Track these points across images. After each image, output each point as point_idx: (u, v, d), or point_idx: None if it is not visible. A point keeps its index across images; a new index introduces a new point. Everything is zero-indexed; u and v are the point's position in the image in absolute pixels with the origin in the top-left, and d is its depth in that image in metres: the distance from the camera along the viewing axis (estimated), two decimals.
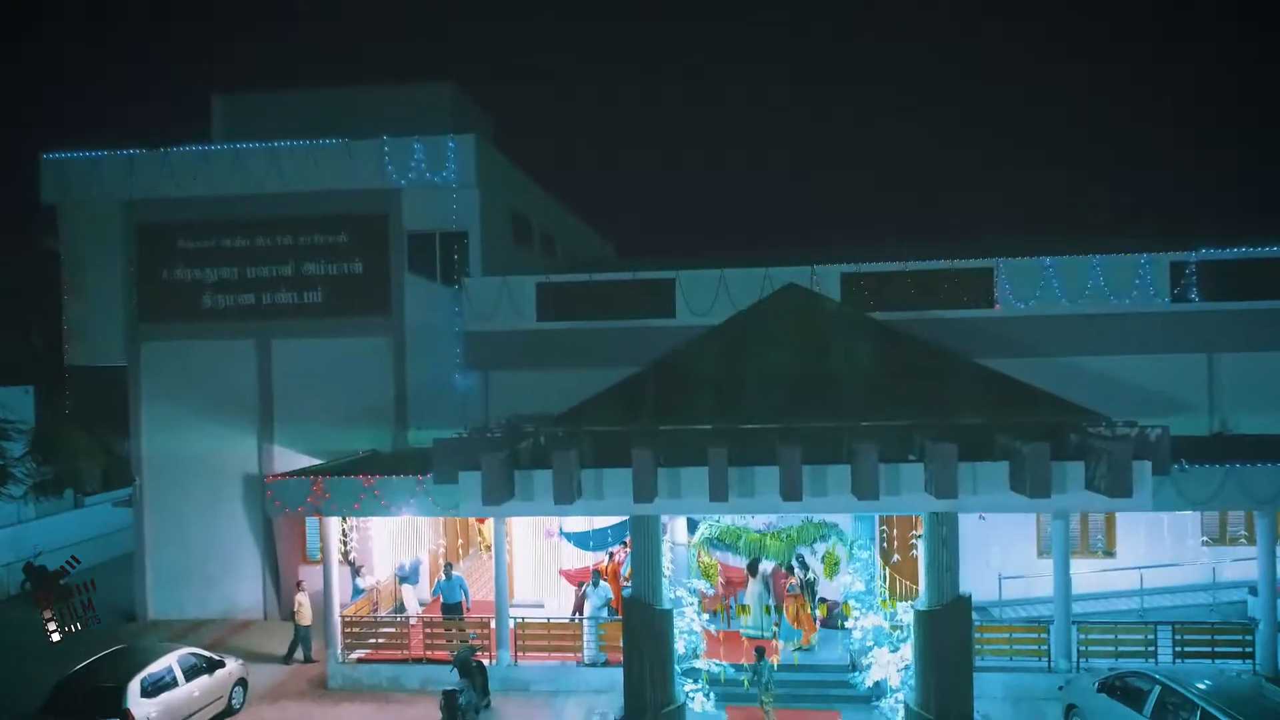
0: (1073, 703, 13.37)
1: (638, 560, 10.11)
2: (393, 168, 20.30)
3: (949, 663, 9.52)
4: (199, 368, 21.01)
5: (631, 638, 9.90)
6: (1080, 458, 9.45)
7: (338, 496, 15.97)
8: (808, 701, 15.07)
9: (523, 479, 10.15)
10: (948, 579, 9.65)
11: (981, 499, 9.55)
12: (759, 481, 9.80)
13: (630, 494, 9.90)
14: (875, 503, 9.61)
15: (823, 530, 15.58)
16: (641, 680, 9.86)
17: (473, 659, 15.28)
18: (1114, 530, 18.84)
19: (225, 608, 21.15)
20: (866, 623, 12.55)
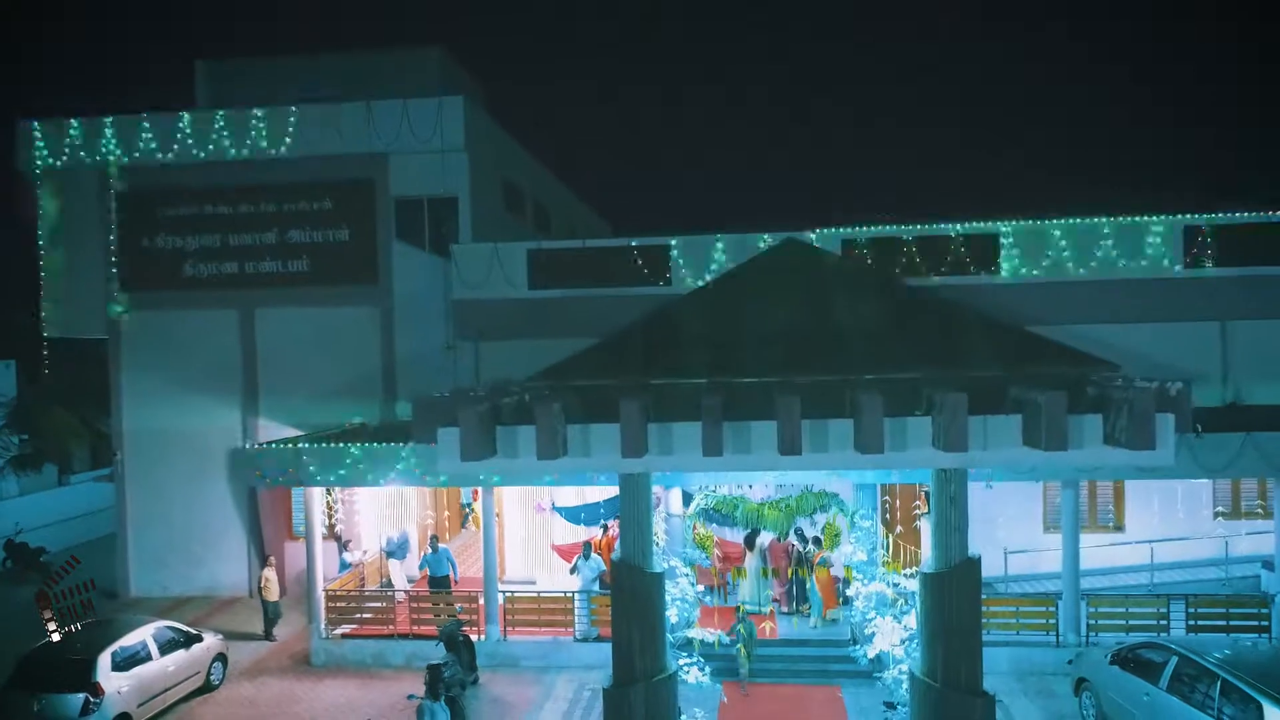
0: (1083, 676, 12.83)
1: (626, 522, 9.53)
2: (379, 132, 19.66)
3: (957, 628, 8.96)
4: (181, 339, 20.43)
5: (620, 603, 9.34)
6: (1098, 410, 8.86)
7: (320, 466, 15.40)
8: (807, 677, 14.56)
9: (505, 436, 9.55)
10: (956, 540, 9.08)
11: (993, 454, 8.96)
12: (755, 437, 9.20)
13: (618, 450, 9.31)
14: (880, 457, 9.01)
15: (823, 500, 15.03)
16: (630, 647, 9.30)
17: (460, 633, 14.73)
18: (1123, 504, 18.30)
19: (209, 585, 20.63)
20: (869, 590, 11.98)
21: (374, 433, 17.93)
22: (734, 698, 13.65)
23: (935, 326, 10.16)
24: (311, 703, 14.42)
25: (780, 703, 13.77)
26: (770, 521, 14.99)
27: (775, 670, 14.78)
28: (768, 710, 13.52)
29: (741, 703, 13.77)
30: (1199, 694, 10.62)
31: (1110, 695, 12.08)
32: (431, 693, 10.91)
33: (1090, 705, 12.62)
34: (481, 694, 14.56)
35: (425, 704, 10.78)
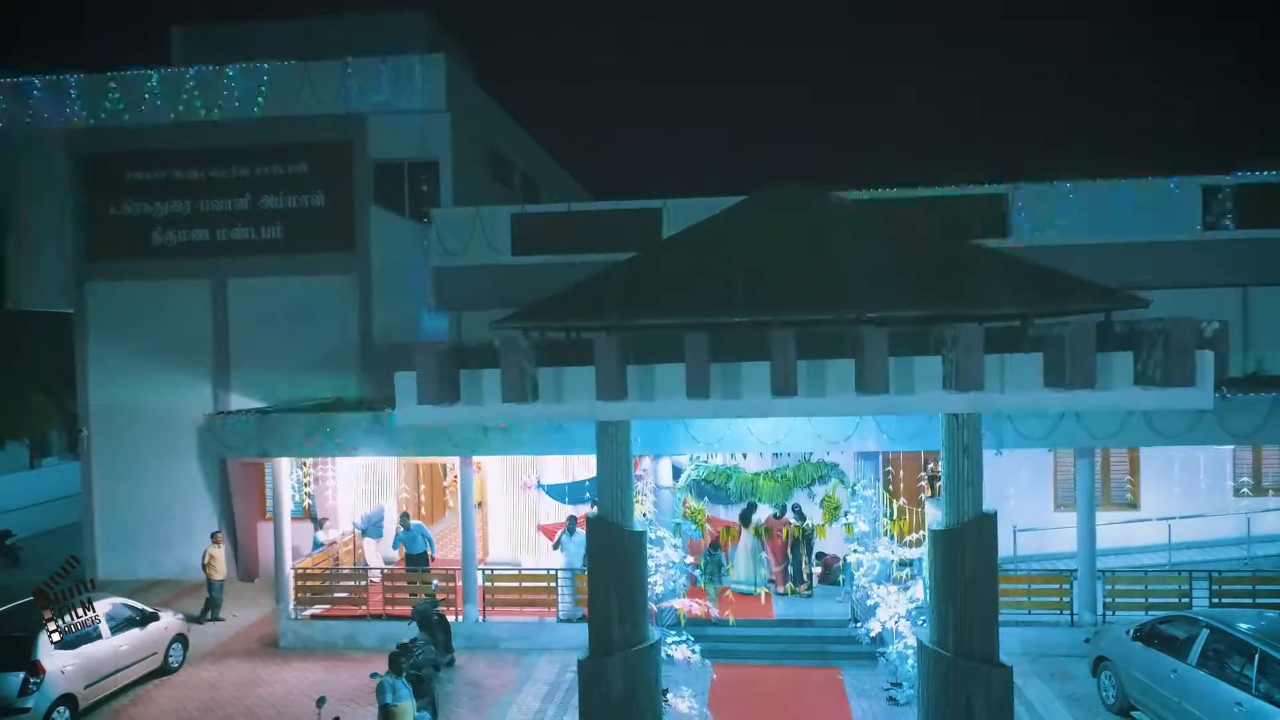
0: (1103, 655, 11.90)
1: (604, 474, 8.61)
2: (357, 91, 18.74)
3: (971, 589, 8.03)
4: (149, 311, 19.48)
5: (596, 564, 8.41)
6: (1128, 348, 7.95)
7: (286, 435, 14.48)
8: (805, 658, 13.65)
9: (469, 381, 8.64)
10: (969, 494, 8.15)
11: (1011, 397, 8.04)
12: (746, 378, 8.28)
13: (594, 394, 8.39)
14: (884, 400, 8.10)
15: (822, 471, 14.11)
16: (608, 614, 8.37)
17: (434, 612, 13.83)
18: (1138, 480, 17.40)
19: (179, 568, 19.65)
20: (870, 558, 11.04)
21: (350, 407, 17.00)
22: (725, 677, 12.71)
23: (946, 265, 9.22)
24: (274, 686, 13.49)
25: (775, 685, 12.85)
26: (766, 493, 14.05)
27: (771, 652, 13.87)
28: (762, 692, 12.60)
29: (734, 684, 12.85)
30: (1233, 669, 9.70)
31: (1133, 674, 11.15)
32: (394, 669, 9.99)
33: (1110, 685, 11.69)
34: (457, 676, 13.63)
35: (386, 680, 9.87)
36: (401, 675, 10.01)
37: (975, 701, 7.94)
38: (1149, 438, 13.01)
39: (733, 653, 13.80)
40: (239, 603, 17.93)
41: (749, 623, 14.41)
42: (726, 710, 11.89)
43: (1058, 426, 13.14)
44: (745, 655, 13.81)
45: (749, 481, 14.09)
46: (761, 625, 14.34)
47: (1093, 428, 13.08)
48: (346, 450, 14.39)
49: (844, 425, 13.19)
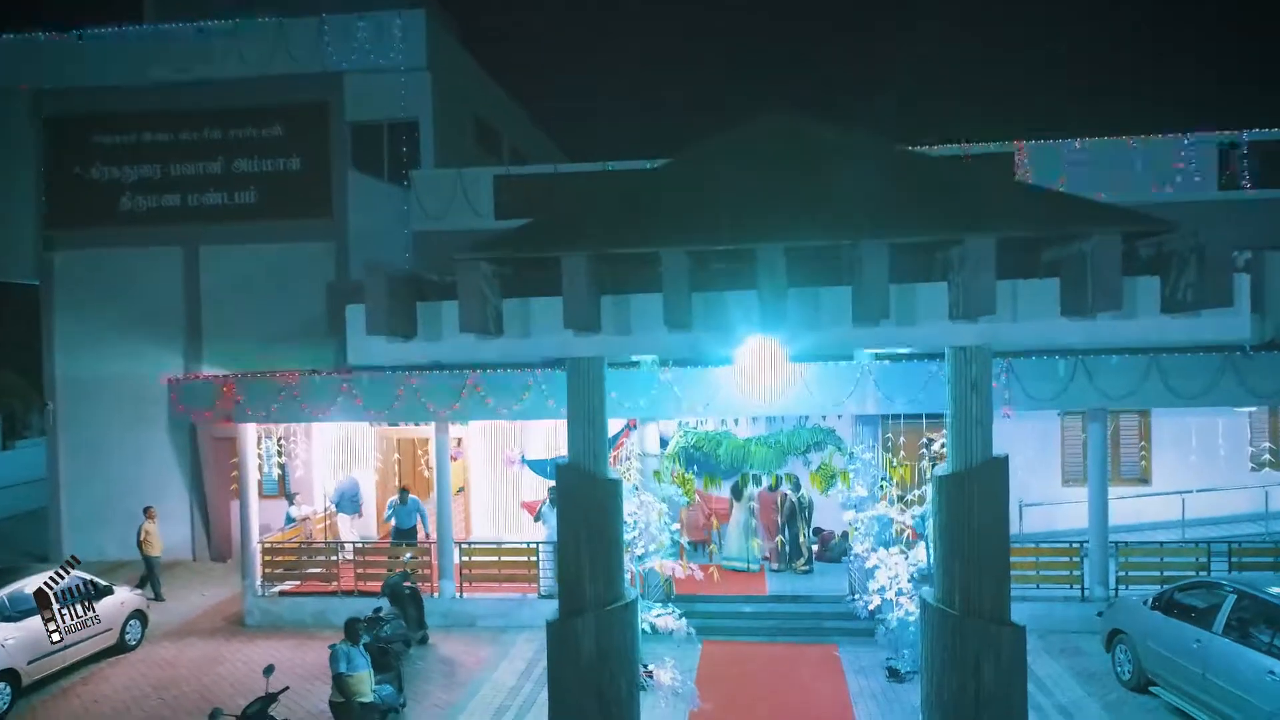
0: (1118, 628, 11.10)
1: (575, 416, 7.80)
2: (333, 49, 17.95)
3: (980, 541, 7.23)
4: (118, 280, 18.68)
5: (566, 515, 7.60)
6: (1155, 272, 7.16)
7: (251, 399, 13.68)
8: (800, 635, 12.87)
9: (428, 314, 7.85)
10: (978, 435, 7.36)
11: (1024, 326, 7.25)
12: (731, 307, 7.49)
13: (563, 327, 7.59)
14: (884, 331, 7.31)
15: (817, 436, 13.29)
16: (578, 569, 7.57)
17: (405, 586, 13.04)
18: (1149, 454, 16.62)
19: None
20: (869, 515, 10.23)
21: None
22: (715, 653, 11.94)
23: (952, 190, 8.41)
24: (235, 664, 12.70)
25: (768, 661, 12.06)
26: (758, 459, 13.24)
27: (764, 628, 13.10)
28: (754, 669, 11.81)
29: (724, 660, 12.08)
30: (1263, 636, 8.90)
31: (1151, 646, 10.36)
32: (350, 637, 9.20)
33: (1126, 659, 10.90)
34: (430, 654, 12.84)
35: (340, 648, 9.07)
36: (359, 644, 9.21)
37: (985, 664, 7.15)
38: (1165, 398, 12.22)
39: (723, 629, 13.04)
40: (209, 582, 17.18)
41: (741, 599, 13.65)
42: (715, 688, 11.11)
43: (1068, 387, 12.36)
44: (736, 632, 13.04)
45: (740, 448, 13.28)
46: (754, 601, 13.56)
47: (1106, 387, 12.30)
48: (315, 415, 13.60)
49: (841, 385, 12.43)
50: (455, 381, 13.18)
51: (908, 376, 12.31)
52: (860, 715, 10.31)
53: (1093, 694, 10.78)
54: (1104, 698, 10.69)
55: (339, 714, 8.97)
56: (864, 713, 10.38)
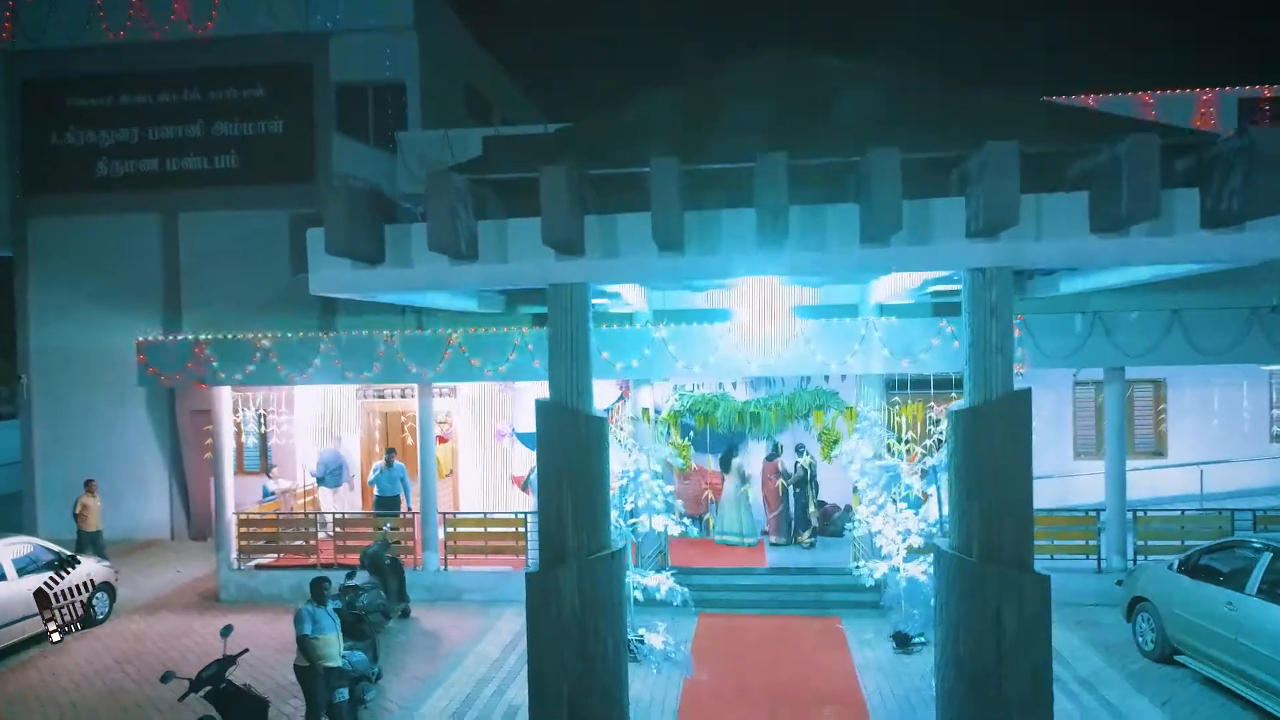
0: (1140, 595, 10.45)
1: (557, 349, 7.14)
2: (316, 7, 17.27)
3: (1000, 481, 6.57)
4: (94, 248, 18.01)
5: (546, 456, 6.95)
6: (1193, 184, 6.51)
7: (224, 360, 13.04)
8: (801, 608, 12.23)
9: (397, 238, 7.20)
10: (998, 364, 6.69)
11: (1048, 246, 6.59)
12: (726, 228, 6.84)
13: (543, 250, 6.95)
14: (895, 253, 6.66)
15: (820, 399, 12.64)
16: (559, 515, 6.90)
17: (386, 555, 12.38)
18: (1164, 425, 15.97)
19: (128, 527, 18.19)
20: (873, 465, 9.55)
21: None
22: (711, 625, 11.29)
23: (969, 109, 7.78)
24: (205, 636, 12.04)
25: (768, 633, 11.41)
26: (758, 422, 12.58)
27: (764, 601, 12.45)
28: (753, 641, 11.15)
29: (721, 632, 11.43)
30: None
31: (1177, 612, 9.70)
32: (315, 597, 8.53)
33: (1149, 628, 10.24)
34: (412, 627, 12.19)
35: (305, 609, 8.41)
36: (325, 605, 8.55)
37: (1006, 615, 6.49)
38: (1187, 355, 11.55)
39: (720, 602, 12.41)
40: (187, 561, 16.52)
41: (738, 571, 13.00)
42: (712, 659, 10.46)
43: (1085, 344, 11.71)
44: (734, 605, 12.40)
45: (738, 411, 12.61)
46: (752, 574, 12.91)
47: (1124, 344, 11.64)
48: (292, 378, 12.94)
49: (845, 342, 11.76)
50: (438, 341, 12.53)
51: (915, 333, 11.64)
52: (867, 686, 9.65)
53: (1114, 665, 10.13)
54: (1126, 669, 10.03)
55: (304, 679, 8.32)
56: (870, 683, 9.72)
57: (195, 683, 7.78)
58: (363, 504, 15.84)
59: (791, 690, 9.55)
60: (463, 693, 9.77)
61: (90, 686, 10.50)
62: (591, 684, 6.92)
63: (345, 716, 8.74)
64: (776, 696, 9.39)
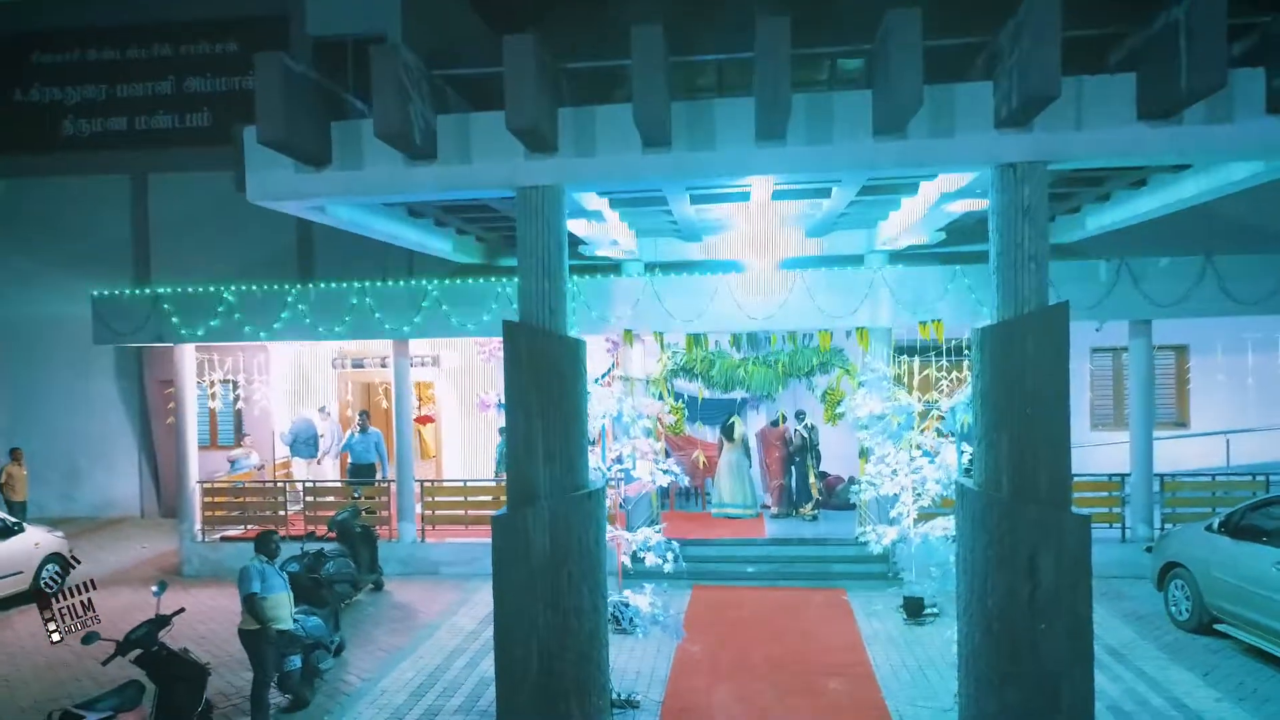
0: (1173, 561, 9.57)
1: (527, 263, 6.27)
2: None
3: (1034, 407, 5.69)
4: (60, 212, 17.13)
5: (515, 382, 6.07)
6: (1258, 63, 5.66)
7: (184, 316, 12.17)
8: (804, 579, 11.37)
9: (345, 136, 6.35)
10: (1031, 276, 5.83)
11: (1089, 136, 5.75)
12: (720, 119, 5.98)
13: (510, 146, 6.08)
14: (913, 147, 5.82)
15: (823, 357, 11.76)
16: (529, 449, 6.03)
17: (357, 524, 11.52)
18: (1186, 394, 15.13)
19: (96, 504, 17.38)
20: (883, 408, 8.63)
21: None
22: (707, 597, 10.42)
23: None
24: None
25: (768, 606, 10.54)
26: (756, 381, 11.71)
27: (763, 573, 11.58)
28: (752, 613, 10.29)
29: (717, 604, 10.57)
30: None
31: (1216, 576, 8.82)
32: (263, 551, 7.67)
33: (1184, 597, 9.37)
34: (383, 600, 11.32)
35: (252, 565, 7.55)
36: (274, 562, 7.68)
37: (1042, 560, 5.62)
38: (1221, 305, 10.67)
39: (715, 573, 11.56)
40: (153, 537, 15.66)
41: (736, 542, 12.14)
42: (706, 631, 9.61)
43: (1110, 293, 10.83)
44: (731, 577, 11.54)
45: (735, 369, 11.75)
46: (751, 544, 12.05)
47: (1153, 293, 10.76)
48: (257, 333, 12.07)
49: (850, 294, 10.90)
50: (413, 292, 11.67)
51: (927, 282, 10.78)
52: (876, 658, 8.77)
53: (1146, 637, 9.25)
54: (1160, 640, 9.16)
55: (252, 645, 7.45)
56: (880, 655, 8.85)
57: (123, 645, 6.91)
58: (340, 474, 14.97)
59: (794, 662, 8.68)
60: (431, 665, 8.90)
61: (27, 660, 9.65)
62: (565, 641, 6.05)
63: (298, 687, 7.88)
64: (778, 668, 8.52)
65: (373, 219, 8.61)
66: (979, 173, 6.49)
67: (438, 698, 8.04)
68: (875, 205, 9.88)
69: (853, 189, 7.88)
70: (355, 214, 7.98)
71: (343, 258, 16.16)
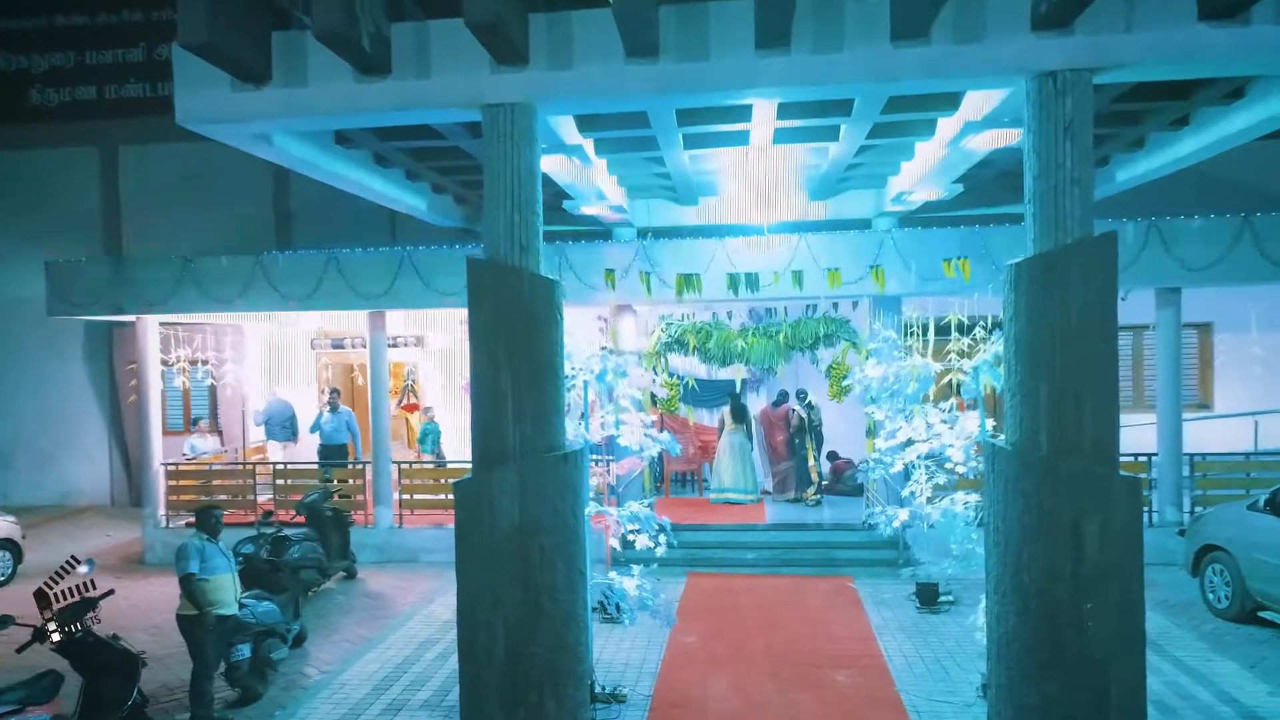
0: (1210, 544, 8.79)
1: (494, 191, 5.49)
2: None
3: (1078, 351, 4.91)
4: (25, 185, 16.33)
5: (481, 327, 5.28)
6: None
7: (144, 285, 11.39)
8: (807, 566, 10.58)
9: (288, 47, 5.56)
10: (1074, 199, 5.05)
11: (1140, 40, 4.97)
12: (715, 24, 5.20)
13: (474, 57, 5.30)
14: (936, 54, 5.04)
15: (829, 327, 10.97)
16: (495, 403, 5.25)
17: (328, 507, 10.73)
18: (1210, 377, 14.33)
19: (63, 491, 16.57)
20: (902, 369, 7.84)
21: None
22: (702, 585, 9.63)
23: None
24: (118, 602, 10.18)
25: (769, 594, 9.76)
26: (756, 353, 10.90)
27: (764, 560, 10.80)
28: (751, 601, 9.51)
29: (713, 591, 9.79)
30: None
31: (1261, 559, 8.04)
32: (204, 528, 6.88)
33: (1223, 582, 8.59)
34: (356, 589, 10.53)
35: (191, 543, 6.76)
36: (218, 540, 6.89)
37: (1087, 526, 4.84)
38: (1260, 269, 9.89)
39: (712, 560, 10.77)
40: (121, 525, 14.86)
41: (734, 527, 11.36)
42: (703, 619, 8.83)
43: (1139, 257, 10.05)
44: (728, 564, 10.75)
45: (732, 340, 10.95)
46: (750, 530, 11.26)
47: (1185, 256, 9.98)
48: (222, 304, 11.29)
49: (857, 259, 10.12)
50: (386, 258, 10.88)
51: (941, 244, 10.00)
52: (888, 647, 7.99)
53: (1182, 626, 8.47)
54: (1198, 629, 8.37)
55: (190, 632, 6.66)
56: (892, 644, 8.06)
57: (39, 631, 6.12)
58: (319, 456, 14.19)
59: (797, 653, 7.89)
60: (399, 656, 8.11)
61: None
62: (536, 625, 5.27)
63: (246, 678, 7.09)
64: (780, 660, 7.73)
65: (330, 160, 7.81)
66: (1011, 90, 5.70)
67: (403, 691, 7.26)
68: (886, 155, 9.10)
69: (864, 124, 7.10)
70: (308, 151, 7.18)
71: (322, 229, 15.41)
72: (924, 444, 7.33)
